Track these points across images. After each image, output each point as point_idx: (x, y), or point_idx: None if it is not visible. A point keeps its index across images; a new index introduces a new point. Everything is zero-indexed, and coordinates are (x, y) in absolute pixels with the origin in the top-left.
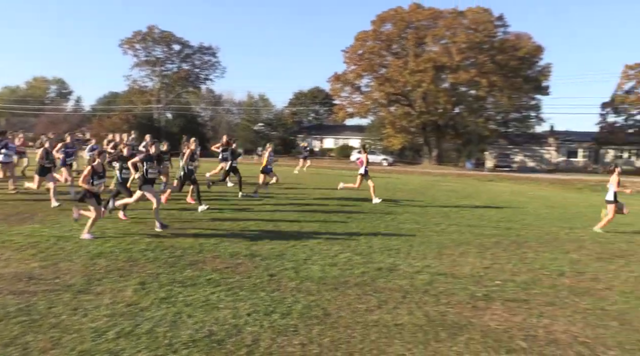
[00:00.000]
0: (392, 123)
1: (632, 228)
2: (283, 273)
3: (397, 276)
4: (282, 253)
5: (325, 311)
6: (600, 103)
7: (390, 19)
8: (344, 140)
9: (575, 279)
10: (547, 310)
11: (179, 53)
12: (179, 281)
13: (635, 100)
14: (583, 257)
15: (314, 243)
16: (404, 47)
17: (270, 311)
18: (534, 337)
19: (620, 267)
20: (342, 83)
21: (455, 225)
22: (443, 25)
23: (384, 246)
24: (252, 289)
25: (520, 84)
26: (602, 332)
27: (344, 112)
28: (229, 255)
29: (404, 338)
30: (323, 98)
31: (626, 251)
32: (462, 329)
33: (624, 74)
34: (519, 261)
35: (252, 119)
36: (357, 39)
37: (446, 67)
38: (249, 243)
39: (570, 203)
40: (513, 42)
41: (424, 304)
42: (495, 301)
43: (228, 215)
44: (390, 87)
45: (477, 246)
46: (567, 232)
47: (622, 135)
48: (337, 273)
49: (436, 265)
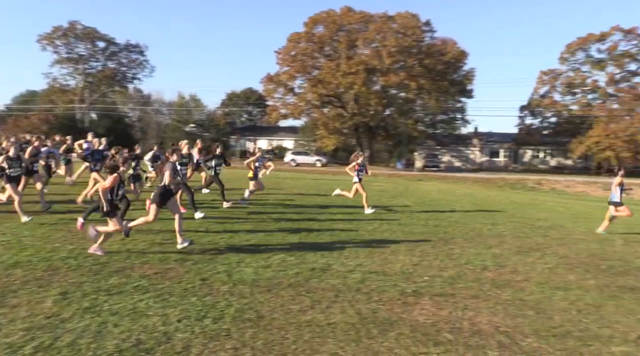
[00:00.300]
0: (325, 125)
1: (547, 223)
2: (215, 277)
3: (330, 276)
4: (214, 257)
5: (258, 313)
6: (519, 107)
7: (322, 21)
8: (278, 141)
9: (497, 272)
10: (472, 302)
11: (104, 50)
12: (105, 290)
13: (549, 104)
14: (504, 251)
15: (247, 245)
16: (336, 49)
17: (201, 317)
18: (459, 329)
19: (537, 259)
20: (275, 84)
21: (387, 224)
22: (373, 29)
23: (318, 246)
24: (183, 294)
25: (447, 87)
26: (520, 321)
27: (278, 113)
28: (158, 260)
29: (336, 336)
30: (256, 99)
31: (542, 244)
32: (393, 325)
33: (539, 79)
34: (445, 257)
35: (183, 120)
36: (289, 40)
37: (377, 70)
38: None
39: (492, 200)
40: (439, 47)
41: (356, 302)
42: (423, 296)
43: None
44: (323, 88)
45: (407, 244)
46: (489, 227)
47: (538, 136)
48: (271, 275)
49: (368, 263)
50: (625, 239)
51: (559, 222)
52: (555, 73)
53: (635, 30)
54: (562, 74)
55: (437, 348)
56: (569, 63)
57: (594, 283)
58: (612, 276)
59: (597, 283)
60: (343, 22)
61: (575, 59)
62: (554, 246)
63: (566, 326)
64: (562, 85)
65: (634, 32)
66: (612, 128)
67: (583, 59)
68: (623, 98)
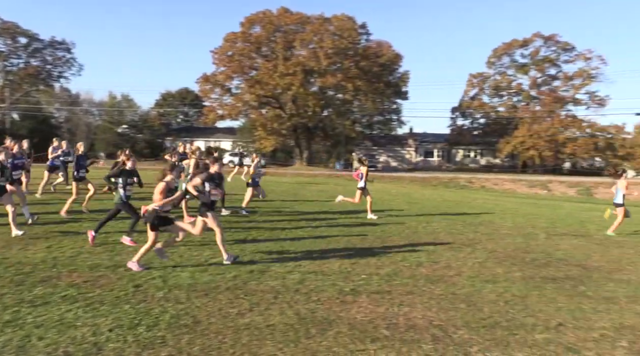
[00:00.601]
0: (264, 126)
1: (478, 219)
2: (150, 283)
3: (269, 278)
4: (148, 262)
5: (195, 318)
6: (451, 108)
7: (259, 21)
8: (215, 142)
9: (431, 268)
10: (407, 298)
11: (25, 47)
12: (28, 301)
13: (478, 106)
14: (438, 248)
15: (183, 249)
16: (273, 50)
17: (135, 325)
18: (395, 325)
19: (468, 254)
20: (211, 84)
21: (326, 224)
22: (310, 30)
23: (256, 248)
24: (115, 303)
25: (383, 88)
26: (453, 314)
27: (215, 114)
28: (88, 268)
29: (275, 338)
30: (192, 100)
31: (472, 240)
32: (331, 324)
33: (469, 82)
34: (382, 255)
35: (115, 121)
36: (225, 40)
37: (314, 71)
38: (112, 254)
39: (427, 199)
40: (375, 49)
41: (295, 303)
42: (361, 294)
43: (87, 225)
44: (261, 89)
45: (346, 243)
46: (424, 225)
47: (469, 137)
48: (208, 279)
49: (307, 263)
50: (547, 233)
51: (488, 218)
52: (484, 76)
53: (554, 37)
54: (490, 77)
55: (374, 344)
56: (495, 67)
57: (519, 275)
58: (536, 268)
59: (522, 275)
60: (280, 22)
61: (501, 63)
62: (483, 241)
63: (495, 317)
64: (490, 87)
65: (553, 39)
66: (535, 128)
67: (508, 63)
68: (544, 100)
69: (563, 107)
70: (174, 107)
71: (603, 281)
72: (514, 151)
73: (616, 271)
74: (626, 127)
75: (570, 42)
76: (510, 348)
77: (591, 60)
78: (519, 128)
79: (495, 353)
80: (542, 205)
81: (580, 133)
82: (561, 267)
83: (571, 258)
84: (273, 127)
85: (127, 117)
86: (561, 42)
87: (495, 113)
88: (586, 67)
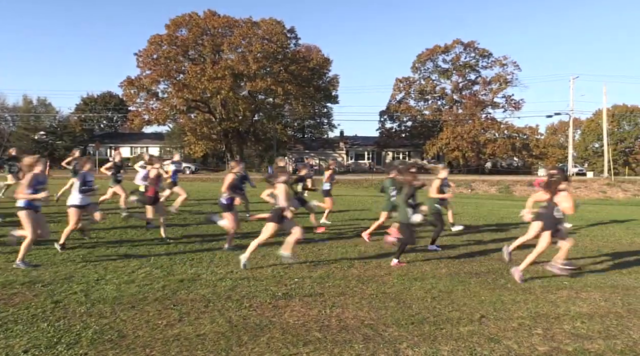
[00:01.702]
0: (193, 131)
1: None
2: (71, 298)
3: (199, 286)
4: (69, 276)
5: (120, 333)
6: (379, 112)
7: (185, 24)
8: (143, 148)
9: (362, 269)
10: (339, 300)
11: None
12: None
13: (405, 109)
14: (368, 248)
15: (108, 261)
16: (201, 53)
17: (53, 343)
18: (327, 327)
19: None
20: (136, 88)
21: (257, 229)
22: (239, 34)
23: (186, 257)
24: (31, 321)
25: (313, 92)
26: (383, 313)
27: (141, 119)
28: (0, 285)
29: (206, 347)
30: (116, 104)
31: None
32: (264, 329)
33: (395, 86)
34: (315, 258)
35: (31, 127)
36: (150, 42)
37: (244, 75)
38: (27, 269)
39: (358, 201)
40: (304, 53)
41: (226, 310)
42: (294, 298)
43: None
44: (189, 93)
45: (277, 247)
46: (355, 227)
47: (397, 139)
48: (135, 291)
49: (239, 270)
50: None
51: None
52: (410, 81)
53: (473, 44)
54: (415, 82)
55: (307, 347)
56: (420, 72)
57: (445, 272)
58: (461, 264)
59: (448, 271)
60: (207, 25)
61: (425, 68)
62: None
63: (423, 313)
64: (416, 91)
65: (472, 46)
66: (458, 130)
67: (432, 68)
68: (466, 104)
69: (483, 110)
70: (97, 111)
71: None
72: (440, 152)
73: (532, 263)
74: (539, 129)
75: (487, 49)
76: (437, 343)
77: (507, 66)
78: (443, 130)
79: (423, 348)
80: (466, 204)
81: (499, 134)
82: (484, 262)
83: (493, 252)
84: (203, 132)
85: (45, 122)
86: (479, 49)
87: (421, 116)
88: (502, 73)
